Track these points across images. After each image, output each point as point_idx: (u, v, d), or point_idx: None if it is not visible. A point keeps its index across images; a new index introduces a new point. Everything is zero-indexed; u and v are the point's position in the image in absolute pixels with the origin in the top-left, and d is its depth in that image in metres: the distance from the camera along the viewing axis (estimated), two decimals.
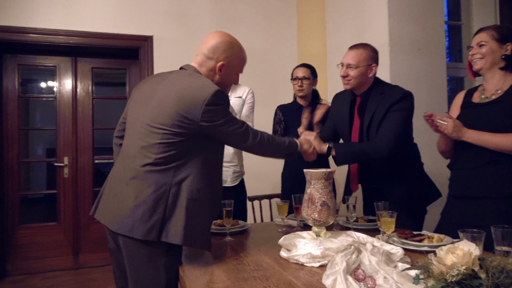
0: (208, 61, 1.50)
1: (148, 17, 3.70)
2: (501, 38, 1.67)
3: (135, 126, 1.45)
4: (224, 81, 1.56)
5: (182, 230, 1.31)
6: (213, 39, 1.50)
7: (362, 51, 1.95)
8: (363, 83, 1.97)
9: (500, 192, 1.59)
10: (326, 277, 1.10)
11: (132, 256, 1.35)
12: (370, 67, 1.94)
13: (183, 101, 1.34)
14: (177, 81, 1.42)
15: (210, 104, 1.33)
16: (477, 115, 1.70)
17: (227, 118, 1.40)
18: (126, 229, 1.32)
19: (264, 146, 1.53)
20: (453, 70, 3.46)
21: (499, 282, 0.75)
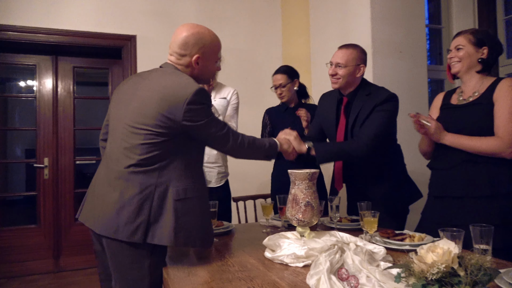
0: (183, 58, 1.48)
1: (131, 16, 3.65)
2: (477, 42, 1.71)
3: (118, 127, 1.43)
4: (205, 73, 1.54)
5: (172, 232, 1.30)
6: (180, 34, 1.47)
7: (352, 51, 1.97)
8: (351, 83, 1.99)
9: (477, 192, 1.63)
10: (310, 277, 1.11)
11: (116, 258, 1.34)
12: (359, 67, 1.96)
13: (165, 100, 1.33)
14: (158, 81, 1.40)
15: (192, 103, 1.32)
16: (455, 116, 1.74)
17: (210, 119, 1.39)
18: (110, 231, 1.30)
19: (244, 150, 1.54)
20: (433, 72, 3.53)
21: (477, 279, 0.78)
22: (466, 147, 1.64)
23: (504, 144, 1.57)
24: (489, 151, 1.60)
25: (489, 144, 1.60)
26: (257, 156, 1.65)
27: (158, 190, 1.33)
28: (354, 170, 2.06)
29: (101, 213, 1.35)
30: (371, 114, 1.91)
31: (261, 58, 4.11)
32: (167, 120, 1.33)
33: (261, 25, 4.13)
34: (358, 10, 3.16)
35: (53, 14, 3.43)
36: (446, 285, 0.78)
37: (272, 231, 1.88)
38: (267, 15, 4.16)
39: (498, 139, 1.59)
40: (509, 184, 1.61)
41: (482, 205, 1.62)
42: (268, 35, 4.16)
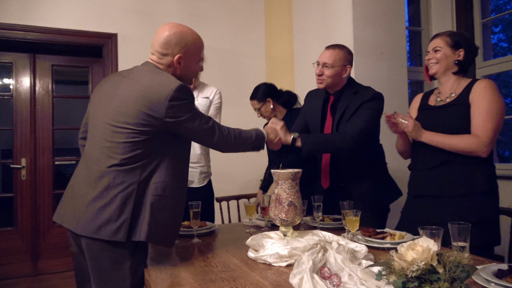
0: (165, 58, 1.47)
1: (112, 14, 3.59)
2: (454, 44, 1.75)
3: (98, 127, 1.41)
4: (187, 73, 1.53)
5: (146, 226, 1.30)
6: (162, 33, 1.46)
7: (339, 51, 1.99)
8: (337, 83, 2.02)
9: (454, 191, 1.67)
10: (293, 276, 1.12)
11: (95, 259, 1.31)
12: (345, 67, 1.99)
13: (146, 98, 1.31)
14: (138, 79, 1.38)
15: (173, 99, 1.31)
16: (433, 117, 1.78)
17: (192, 114, 1.38)
18: (91, 231, 1.28)
19: (231, 142, 1.53)
20: (413, 74, 3.60)
21: (456, 276, 0.79)
22: (443, 145, 1.68)
23: (482, 143, 1.61)
24: (466, 149, 1.64)
25: (467, 142, 1.64)
26: (245, 148, 1.63)
27: (140, 187, 1.32)
28: (339, 169, 2.09)
29: (81, 213, 1.32)
30: (358, 110, 1.94)
31: (244, 58, 4.10)
32: (149, 118, 1.31)
33: (244, 25, 4.13)
34: (340, 12, 3.20)
35: (31, 11, 3.34)
36: (426, 282, 0.80)
37: (255, 231, 1.88)
38: (250, 15, 4.15)
39: (476, 137, 1.63)
40: (484, 183, 1.66)
41: (459, 204, 1.66)
42: (251, 35, 4.15)
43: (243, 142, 1.59)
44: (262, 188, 2.81)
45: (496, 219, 1.68)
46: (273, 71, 4.12)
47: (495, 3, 3.71)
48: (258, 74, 4.16)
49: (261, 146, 1.69)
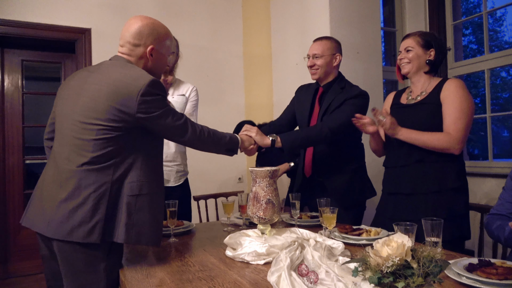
0: (137, 49, 1.43)
1: (86, 9, 3.49)
2: (425, 44, 1.80)
3: (66, 124, 1.36)
4: (158, 66, 1.50)
5: (123, 228, 1.26)
6: (134, 24, 1.43)
7: (326, 42, 2.10)
8: (329, 72, 2.10)
9: (426, 188, 1.72)
10: (270, 274, 1.12)
11: (68, 262, 1.27)
12: (334, 56, 2.09)
13: (117, 93, 1.28)
14: (108, 73, 1.34)
15: (145, 94, 1.28)
16: (404, 115, 1.82)
17: (165, 110, 1.35)
18: (63, 233, 1.23)
19: (204, 140, 1.51)
20: (388, 73, 3.68)
21: (429, 270, 0.81)
22: (418, 142, 1.72)
23: (454, 140, 1.66)
24: (439, 146, 1.69)
25: (440, 139, 1.68)
26: (219, 149, 1.62)
27: (114, 187, 1.28)
28: (319, 161, 2.14)
29: (51, 215, 1.27)
30: (341, 105, 2.01)
31: (222, 55, 4.08)
32: (120, 114, 1.28)
33: (221, 22, 4.10)
34: (317, 12, 3.22)
35: (0, 3, 3.21)
36: (400, 277, 0.81)
37: (233, 229, 1.88)
38: (228, 12, 4.13)
39: (449, 135, 1.68)
40: (455, 180, 1.71)
41: (431, 200, 1.70)
42: (229, 33, 4.13)
43: (216, 142, 1.57)
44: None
45: (467, 214, 1.74)
46: (251, 69, 4.11)
47: (466, 6, 3.83)
48: (236, 72, 4.14)
49: (234, 150, 1.68)
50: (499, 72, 4.22)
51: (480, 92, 4.09)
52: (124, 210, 1.28)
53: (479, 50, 4.18)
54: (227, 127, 3.96)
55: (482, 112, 3.23)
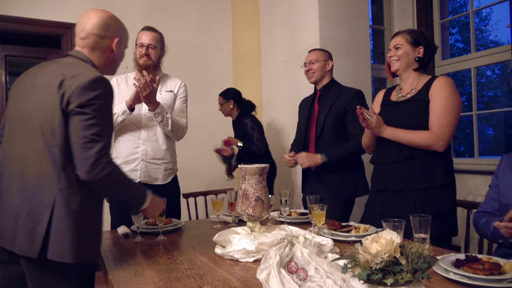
0: (102, 41, 1.39)
1: (72, 4, 3.42)
2: (414, 41, 1.82)
3: (14, 126, 1.28)
4: (119, 59, 1.49)
5: (71, 246, 1.17)
6: (96, 16, 1.38)
7: (319, 51, 2.44)
8: (323, 76, 2.40)
9: (414, 185, 1.74)
10: (260, 271, 1.11)
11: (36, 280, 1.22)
12: (327, 62, 2.40)
13: (61, 90, 1.20)
14: (55, 71, 1.26)
15: (85, 89, 1.20)
16: (394, 112, 1.84)
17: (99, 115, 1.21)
18: (6, 242, 1.19)
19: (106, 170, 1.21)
20: (376, 71, 3.70)
21: (417, 267, 0.82)
22: (403, 140, 1.74)
23: (437, 137, 1.68)
24: (422, 144, 1.70)
25: (423, 137, 1.70)
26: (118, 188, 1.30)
27: (58, 198, 1.18)
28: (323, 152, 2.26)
29: None
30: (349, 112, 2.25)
31: (211, 52, 4.05)
32: (62, 114, 1.20)
33: (211, 19, 4.07)
34: (306, 9, 3.22)
35: None
36: (389, 273, 0.82)
37: (222, 227, 1.87)
38: (217, 8, 4.10)
39: (431, 132, 1.69)
40: (443, 177, 1.73)
41: (419, 197, 1.72)
42: (218, 30, 4.11)
43: (118, 177, 1.29)
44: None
45: (454, 211, 1.76)
46: (240, 66, 4.10)
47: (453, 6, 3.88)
48: (224, 69, 4.12)
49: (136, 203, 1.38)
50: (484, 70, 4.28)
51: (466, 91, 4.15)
52: (71, 227, 1.19)
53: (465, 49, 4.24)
54: (216, 124, 3.95)
55: (468, 110, 3.28)
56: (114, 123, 2.11)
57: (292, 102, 3.43)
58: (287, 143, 3.59)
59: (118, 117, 2.09)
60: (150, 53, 2.17)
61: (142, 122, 2.19)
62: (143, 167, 2.18)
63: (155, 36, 2.21)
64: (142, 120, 2.19)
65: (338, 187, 2.26)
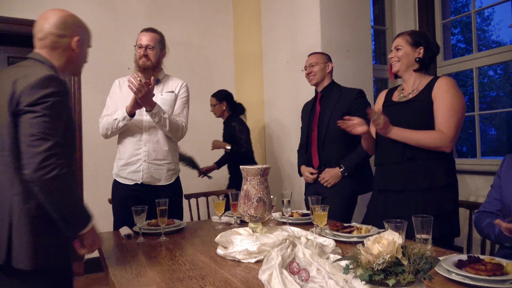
0: (61, 40, 1.35)
1: (75, 6, 3.43)
2: (414, 42, 1.82)
3: None
4: (81, 60, 1.45)
5: (30, 253, 1.15)
6: (54, 16, 1.36)
7: (318, 54, 2.49)
8: (323, 78, 2.45)
9: (416, 185, 1.73)
10: (262, 272, 1.11)
11: None
12: (327, 64, 2.45)
13: (10, 94, 1.17)
14: (10, 75, 1.24)
15: (35, 87, 1.17)
16: (396, 113, 1.84)
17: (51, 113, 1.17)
18: None
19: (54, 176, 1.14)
20: (378, 71, 3.70)
21: (419, 267, 0.81)
22: (410, 140, 1.73)
23: (446, 138, 1.68)
24: (431, 144, 1.70)
25: (432, 137, 1.69)
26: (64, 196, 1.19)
27: (15, 204, 1.16)
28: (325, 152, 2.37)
29: None
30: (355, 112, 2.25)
31: (212, 53, 4.05)
32: (12, 113, 1.17)
33: (212, 20, 4.08)
34: (308, 10, 3.22)
35: None
36: (391, 274, 0.82)
37: (224, 227, 1.87)
38: (218, 9, 4.11)
39: (441, 133, 1.69)
40: (445, 178, 1.72)
41: (420, 198, 1.72)
42: (219, 30, 4.11)
43: (66, 185, 1.18)
44: None
45: (456, 212, 1.75)
46: (241, 67, 4.10)
47: (454, 6, 3.87)
48: (226, 70, 4.13)
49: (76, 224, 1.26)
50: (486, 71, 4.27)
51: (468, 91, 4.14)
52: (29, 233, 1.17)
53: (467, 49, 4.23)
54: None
55: (471, 110, 3.27)
56: (115, 128, 2.12)
57: (293, 103, 3.43)
58: (288, 144, 3.59)
59: (119, 123, 2.10)
60: (148, 54, 2.18)
61: (144, 124, 2.20)
62: (146, 168, 2.18)
63: (153, 36, 2.21)
64: (144, 121, 2.20)
65: (341, 182, 2.30)
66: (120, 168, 2.24)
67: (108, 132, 2.18)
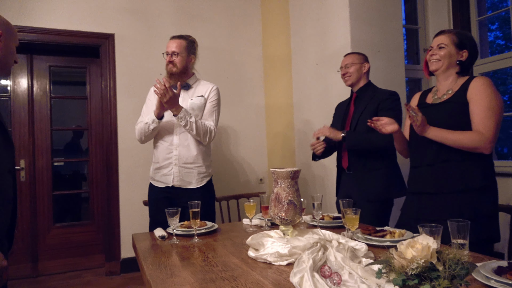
0: None
1: (108, 14, 3.59)
2: (460, 43, 1.76)
3: None
4: (7, 54, 1.44)
5: None
6: None
7: (355, 54, 2.46)
8: (359, 79, 2.42)
9: (451, 188, 1.68)
10: (293, 275, 1.12)
11: None
12: (363, 64, 2.42)
13: None
14: None
15: None
16: (430, 114, 1.78)
17: None
18: None
19: None
20: (411, 72, 3.61)
21: (455, 273, 0.80)
22: (447, 141, 1.68)
23: (486, 139, 1.62)
24: (470, 145, 1.64)
25: (470, 138, 1.64)
26: None
27: None
28: (354, 153, 2.32)
29: None
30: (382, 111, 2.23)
31: (242, 57, 4.10)
32: None
33: (241, 24, 4.12)
34: (337, 11, 3.20)
35: (28, 12, 3.34)
36: (425, 279, 0.80)
37: (255, 230, 1.89)
38: (247, 13, 4.15)
39: (480, 134, 1.63)
40: (481, 179, 1.66)
41: (456, 200, 1.66)
42: (248, 34, 4.15)
43: None
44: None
45: (495, 215, 1.68)
46: (270, 70, 4.12)
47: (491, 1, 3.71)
48: (255, 74, 4.16)
49: None
50: None
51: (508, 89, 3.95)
52: None
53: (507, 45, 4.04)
54: (248, 128, 3.98)
55: (511, 110, 3.12)
56: (147, 131, 2.20)
57: (323, 105, 3.41)
58: None
59: (149, 126, 2.18)
60: (174, 60, 2.25)
61: (175, 128, 2.26)
62: (176, 171, 2.24)
63: (179, 43, 2.27)
64: (175, 126, 2.26)
65: (370, 187, 2.25)
66: (154, 172, 2.32)
67: (142, 136, 2.26)
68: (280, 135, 3.97)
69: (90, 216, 3.82)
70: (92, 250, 3.77)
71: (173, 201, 2.22)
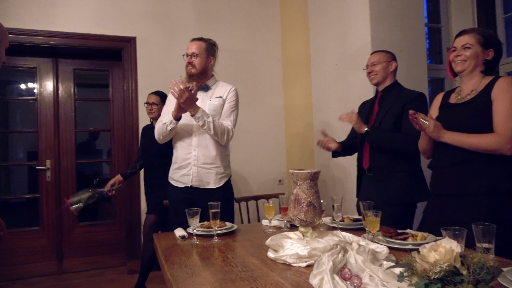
0: None
1: (131, 18, 3.66)
2: (485, 43, 1.71)
3: None
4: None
5: None
6: None
7: (381, 53, 2.39)
8: (385, 78, 2.35)
9: (475, 189, 1.64)
10: (313, 276, 1.12)
11: None
12: (390, 63, 2.35)
13: None
14: None
15: None
16: (452, 115, 1.75)
17: None
18: None
19: None
20: (433, 71, 3.53)
21: (480, 278, 0.78)
22: (465, 144, 1.65)
23: (503, 140, 1.58)
24: (488, 148, 1.60)
25: (488, 140, 1.60)
26: None
27: None
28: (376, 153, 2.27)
29: None
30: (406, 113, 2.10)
31: (261, 59, 4.11)
32: None
33: (260, 26, 4.14)
34: (357, 10, 3.17)
35: (52, 16, 3.44)
36: (449, 284, 0.79)
37: (274, 231, 1.89)
38: (266, 15, 4.16)
39: (497, 135, 1.59)
40: (507, 181, 1.61)
41: (480, 202, 1.62)
42: (267, 36, 4.16)
43: None
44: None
45: None
46: (289, 71, 4.12)
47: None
48: (274, 75, 4.16)
49: None
50: None
51: None
52: None
53: None
54: (266, 129, 3.99)
55: None
56: (165, 131, 2.24)
57: (342, 105, 3.38)
58: None
59: (167, 127, 2.22)
60: (193, 62, 2.27)
61: (194, 129, 2.29)
62: (195, 171, 2.27)
63: (199, 45, 2.30)
64: (194, 126, 2.29)
65: (391, 191, 2.18)
66: (173, 172, 2.35)
67: (160, 136, 2.30)
68: (299, 136, 3.96)
69: (112, 216, 3.91)
70: (114, 249, 3.86)
71: (192, 200, 2.25)
